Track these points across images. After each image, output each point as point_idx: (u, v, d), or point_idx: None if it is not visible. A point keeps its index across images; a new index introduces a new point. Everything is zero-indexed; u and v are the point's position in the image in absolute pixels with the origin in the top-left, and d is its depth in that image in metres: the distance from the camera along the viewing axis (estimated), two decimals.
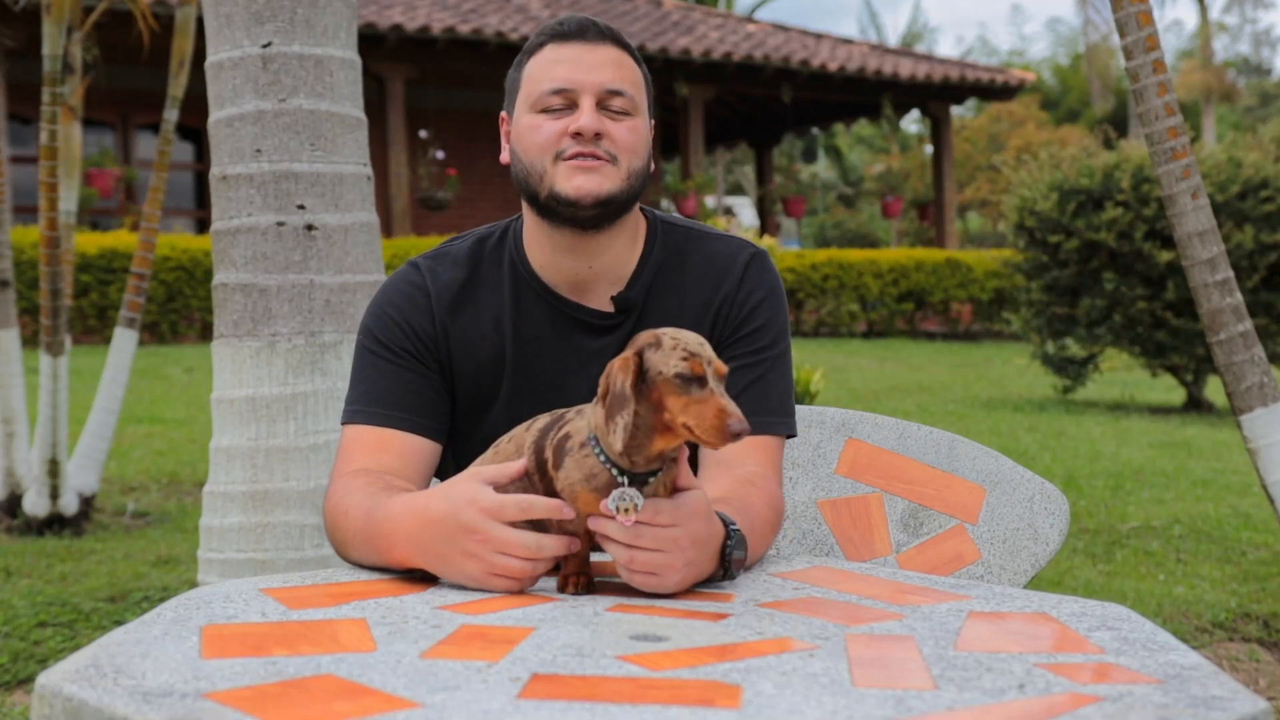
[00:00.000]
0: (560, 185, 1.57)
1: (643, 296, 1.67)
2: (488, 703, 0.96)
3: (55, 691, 1.00)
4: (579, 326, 1.66)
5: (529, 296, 1.66)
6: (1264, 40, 47.17)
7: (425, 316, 1.65)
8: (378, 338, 1.64)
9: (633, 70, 1.62)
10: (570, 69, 1.57)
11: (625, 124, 1.59)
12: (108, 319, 11.21)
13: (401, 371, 1.62)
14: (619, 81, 1.58)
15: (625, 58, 1.61)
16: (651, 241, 1.69)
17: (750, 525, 1.45)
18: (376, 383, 1.62)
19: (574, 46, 1.59)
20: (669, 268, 1.68)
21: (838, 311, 15.01)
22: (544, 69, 1.59)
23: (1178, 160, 3.09)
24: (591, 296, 1.67)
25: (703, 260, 1.69)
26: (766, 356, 1.66)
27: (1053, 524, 1.88)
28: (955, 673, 1.05)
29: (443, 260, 1.69)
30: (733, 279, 1.67)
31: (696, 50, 15.33)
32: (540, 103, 1.58)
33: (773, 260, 1.73)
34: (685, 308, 1.66)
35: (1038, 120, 29.94)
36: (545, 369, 1.66)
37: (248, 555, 2.58)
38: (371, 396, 1.61)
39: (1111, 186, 8.38)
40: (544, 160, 1.58)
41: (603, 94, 1.57)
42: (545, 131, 1.57)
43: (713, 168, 23.12)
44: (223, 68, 2.61)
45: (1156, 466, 6.23)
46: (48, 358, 4.75)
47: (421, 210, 14.99)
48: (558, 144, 1.57)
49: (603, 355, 1.65)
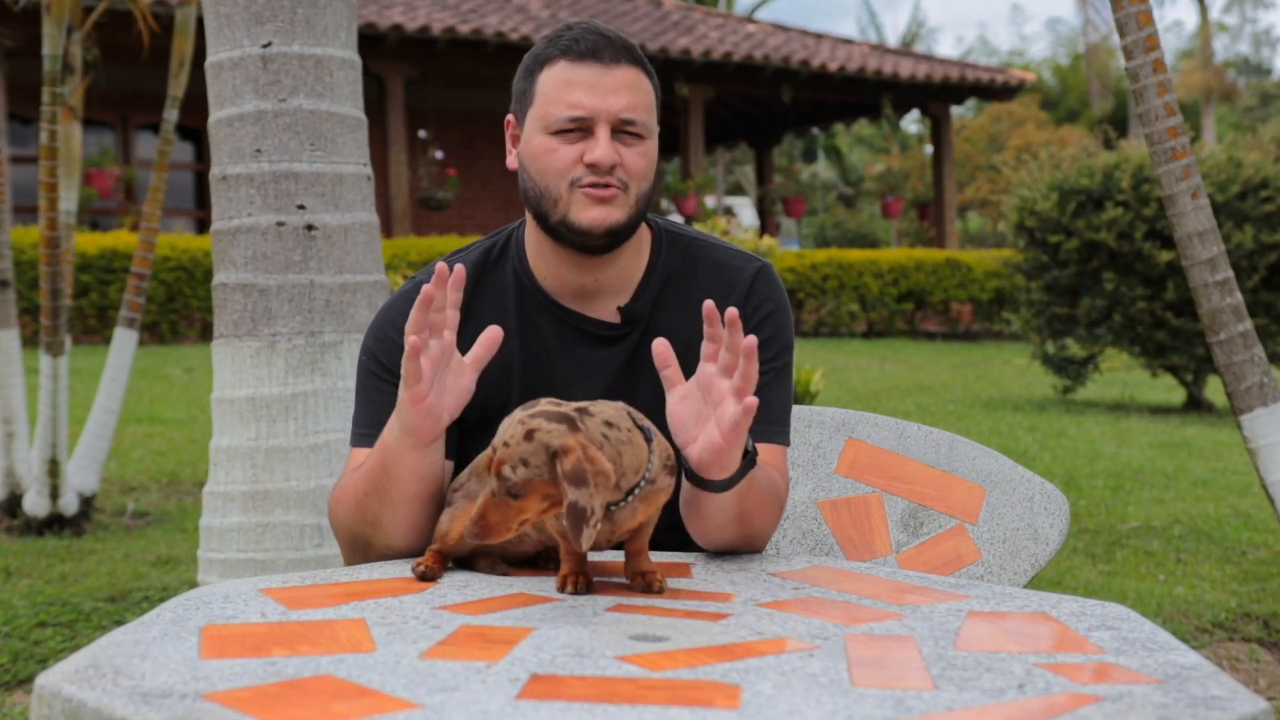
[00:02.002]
0: (575, 215, 1.57)
1: (649, 308, 1.67)
2: (487, 703, 0.95)
3: (55, 692, 1.00)
4: (584, 338, 1.66)
5: (533, 308, 1.66)
6: (1264, 40, 47.19)
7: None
8: (380, 360, 1.65)
9: (646, 91, 1.60)
10: (586, 94, 1.55)
11: (637, 149, 1.59)
12: (108, 319, 11.21)
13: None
14: (634, 109, 1.57)
15: (640, 77, 1.60)
16: (657, 252, 1.69)
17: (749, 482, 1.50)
18: (381, 406, 1.62)
19: (590, 68, 1.56)
20: (676, 279, 1.68)
21: (838, 311, 15.01)
22: (558, 90, 1.57)
23: (1178, 160, 3.09)
24: (597, 307, 1.66)
25: (709, 272, 1.69)
26: (772, 368, 1.66)
27: (1053, 524, 1.88)
28: (955, 673, 1.05)
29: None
30: (740, 292, 1.68)
31: (696, 50, 15.33)
32: (554, 126, 1.57)
33: (778, 274, 1.74)
34: (692, 319, 1.66)
35: (1038, 120, 29.94)
36: (551, 380, 1.65)
37: (248, 555, 2.58)
38: (377, 420, 1.62)
39: (1111, 186, 8.38)
40: (559, 186, 1.58)
41: (618, 122, 1.56)
42: (560, 158, 1.57)
43: (713, 168, 23.12)
44: (223, 68, 2.61)
45: (1156, 466, 6.23)
46: (48, 358, 4.75)
47: (421, 210, 14.99)
48: (572, 171, 1.57)
49: (607, 366, 1.65)
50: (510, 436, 1.22)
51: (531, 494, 1.21)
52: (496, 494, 1.22)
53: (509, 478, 1.20)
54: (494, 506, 1.22)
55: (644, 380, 1.65)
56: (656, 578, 1.33)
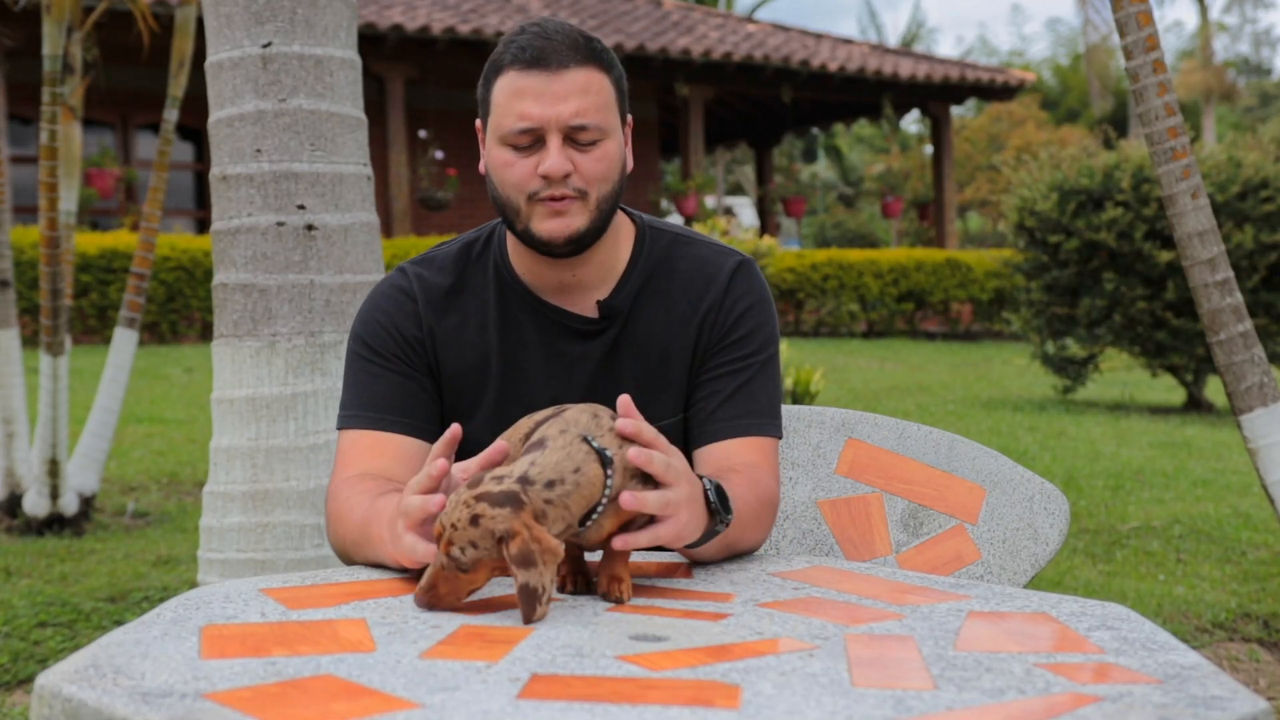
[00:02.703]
0: (535, 227, 1.58)
1: (629, 303, 1.67)
2: (487, 703, 0.96)
3: (55, 692, 1.00)
4: (563, 332, 1.66)
5: (513, 301, 1.67)
6: (1264, 40, 47.19)
7: (412, 321, 1.66)
8: (367, 343, 1.66)
9: (599, 90, 1.56)
10: (534, 103, 1.53)
11: (593, 154, 1.56)
12: (108, 319, 11.21)
13: (392, 376, 1.64)
14: (584, 114, 1.54)
15: (592, 76, 1.56)
16: (639, 246, 1.69)
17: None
18: (369, 387, 1.64)
19: (536, 76, 1.53)
20: (658, 275, 1.68)
21: (838, 311, 15.01)
22: (508, 100, 1.55)
23: (1178, 160, 3.09)
24: (576, 301, 1.67)
25: (689, 268, 1.69)
26: (753, 362, 1.66)
27: (1053, 524, 1.88)
28: (955, 673, 1.05)
29: (429, 265, 1.70)
30: (718, 288, 1.67)
31: (696, 50, 15.33)
32: (507, 139, 1.56)
33: (759, 268, 1.73)
34: (671, 316, 1.67)
35: (1038, 120, 29.93)
36: (531, 374, 1.66)
37: (248, 555, 2.58)
38: (364, 401, 1.63)
39: (1111, 186, 8.38)
40: (518, 199, 1.57)
41: (568, 129, 1.54)
42: (516, 171, 1.56)
43: (713, 168, 23.12)
44: (223, 68, 2.61)
45: (1156, 466, 6.23)
46: (48, 358, 4.75)
47: (421, 210, 14.99)
48: (529, 184, 1.56)
49: (586, 361, 1.65)
50: (457, 519, 1.22)
51: (481, 569, 1.24)
52: (446, 568, 1.23)
53: (459, 559, 1.22)
54: (444, 579, 1.24)
55: (623, 374, 1.66)
56: (621, 587, 1.31)
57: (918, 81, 17.01)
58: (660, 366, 1.67)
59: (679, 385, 1.67)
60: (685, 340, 1.66)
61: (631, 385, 1.64)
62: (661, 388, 1.67)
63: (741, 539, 1.51)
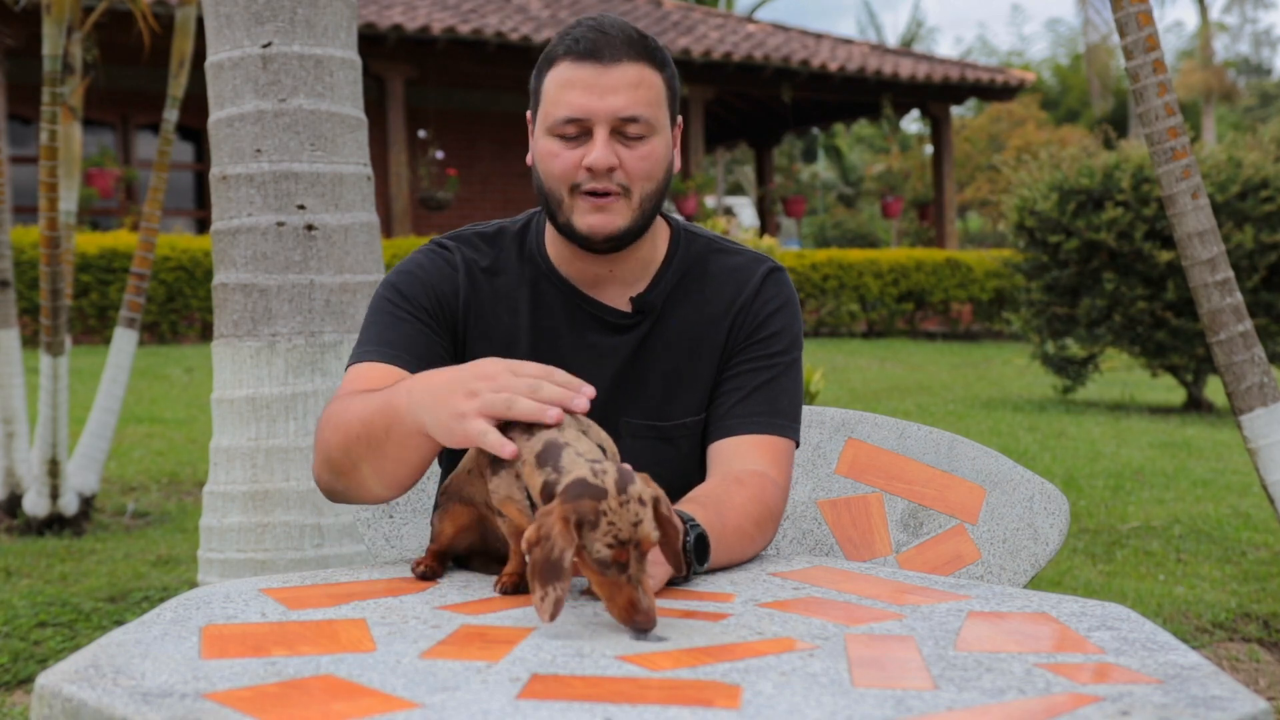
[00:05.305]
0: (576, 221, 1.58)
1: (661, 300, 1.67)
2: (487, 703, 0.95)
3: (55, 692, 1.00)
4: (594, 323, 1.66)
5: (547, 289, 1.67)
6: (1264, 40, 47.20)
7: (450, 285, 1.64)
8: (400, 290, 1.63)
9: (651, 86, 1.57)
10: (583, 95, 1.54)
11: (640, 150, 1.57)
12: (108, 319, 11.21)
13: (417, 324, 1.61)
14: (634, 106, 1.55)
15: (645, 72, 1.56)
16: (675, 246, 1.70)
17: (720, 522, 1.44)
18: (390, 329, 1.60)
19: (589, 68, 1.54)
20: (692, 276, 1.69)
21: (838, 311, 15.01)
22: (558, 91, 1.56)
23: (1178, 160, 3.09)
24: (610, 294, 1.67)
25: (723, 272, 1.70)
26: (779, 362, 1.66)
27: (1053, 524, 1.88)
28: (955, 673, 1.05)
29: (468, 242, 1.69)
30: (750, 289, 1.69)
31: (696, 50, 15.33)
32: (555, 129, 1.56)
33: (789, 276, 1.74)
34: (703, 314, 1.67)
35: (1038, 120, 29.93)
36: (557, 362, 1.65)
37: (248, 555, 2.58)
38: (382, 340, 1.60)
39: (1111, 186, 8.38)
40: (561, 190, 1.58)
41: (617, 122, 1.55)
42: (561, 162, 1.56)
43: (713, 168, 23.12)
44: (223, 68, 2.61)
45: (1156, 466, 6.23)
46: (48, 358, 4.75)
47: (421, 210, 14.99)
48: (573, 176, 1.56)
49: (616, 354, 1.65)
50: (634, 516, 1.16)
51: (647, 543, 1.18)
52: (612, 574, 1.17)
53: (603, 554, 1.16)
54: (616, 587, 1.17)
55: (651, 369, 1.66)
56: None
57: (918, 81, 17.01)
58: (688, 363, 1.67)
59: (705, 383, 1.67)
60: (716, 337, 1.67)
61: (658, 381, 1.65)
62: (688, 385, 1.67)
63: (740, 554, 1.50)
